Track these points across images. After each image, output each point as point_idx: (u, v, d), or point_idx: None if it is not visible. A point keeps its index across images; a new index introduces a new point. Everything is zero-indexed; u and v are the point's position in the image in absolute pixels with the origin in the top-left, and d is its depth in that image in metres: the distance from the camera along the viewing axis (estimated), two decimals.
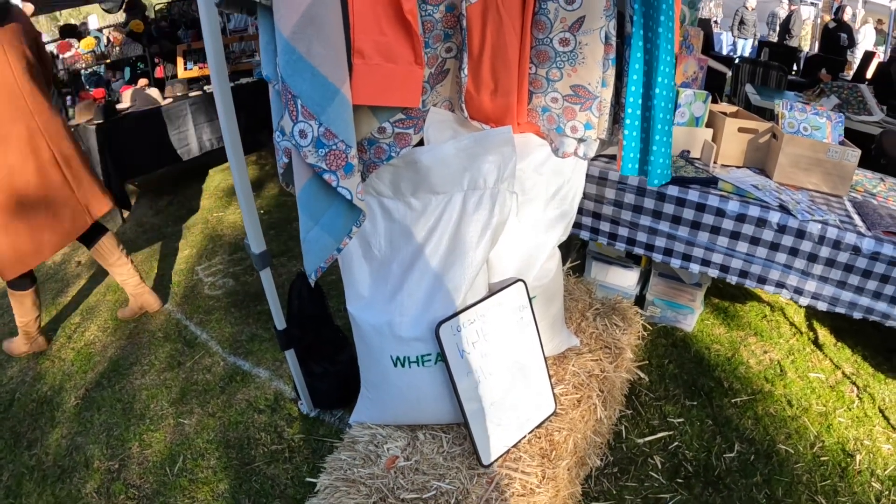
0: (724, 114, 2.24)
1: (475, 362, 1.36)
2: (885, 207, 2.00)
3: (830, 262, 1.80)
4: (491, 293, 1.41)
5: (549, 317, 1.58)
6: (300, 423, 2.11)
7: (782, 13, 11.63)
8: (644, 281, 2.56)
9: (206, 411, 2.21)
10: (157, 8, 5.85)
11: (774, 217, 1.77)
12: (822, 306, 1.89)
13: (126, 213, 4.09)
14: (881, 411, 2.22)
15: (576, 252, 2.82)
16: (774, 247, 1.80)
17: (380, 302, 1.38)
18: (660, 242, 1.95)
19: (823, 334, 2.64)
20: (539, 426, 1.51)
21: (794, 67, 6.94)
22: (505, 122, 1.40)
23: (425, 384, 1.38)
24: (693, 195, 1.83)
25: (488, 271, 1.44)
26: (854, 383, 2.35)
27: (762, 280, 1.87)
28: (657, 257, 1.98)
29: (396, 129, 1.22)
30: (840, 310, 1.88)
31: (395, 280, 1.37)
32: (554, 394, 1.55)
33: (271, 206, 4.06)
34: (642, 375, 2.19)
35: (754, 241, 1.81)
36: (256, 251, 1.64)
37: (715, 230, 1.84)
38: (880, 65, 6.30)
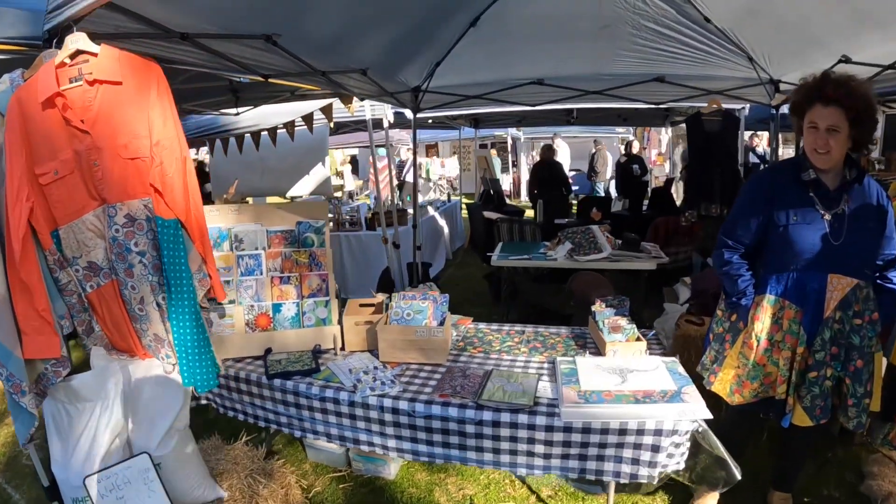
0: (370, 305, 3.49)
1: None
2: (475, 369, 3.05)
3: (397, 424, 2.88)
4: (123, 460, 2.75)
5: (179, 476, 2.86)
6: None
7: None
8: None
9: None
10: None
11: (344, 395, 2.94)
12: (408, 457, 2.93)
13: None
14: None
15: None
16: (352, 417, 2.95)
17: (65, 462, 2.77)
18: (284, 420, 3.15)
19: None
20: None
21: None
22: (133, 353, 2.83)
23: None
24: (289, 384, 3.05)
25: (129, 446, 2.79)
26: None
27: (356, 441, 2.99)
28: (285, 430, 3.17)
29: (53, 368, 2.69)
30: (423, 459, 2.90)
31: (71, 450, 2.77)
32: None
33: None
34: None
35: (337, 413, 2.97)
36: None
37: (311, 409, 3.02)
38: (654, 190, 8.11)
